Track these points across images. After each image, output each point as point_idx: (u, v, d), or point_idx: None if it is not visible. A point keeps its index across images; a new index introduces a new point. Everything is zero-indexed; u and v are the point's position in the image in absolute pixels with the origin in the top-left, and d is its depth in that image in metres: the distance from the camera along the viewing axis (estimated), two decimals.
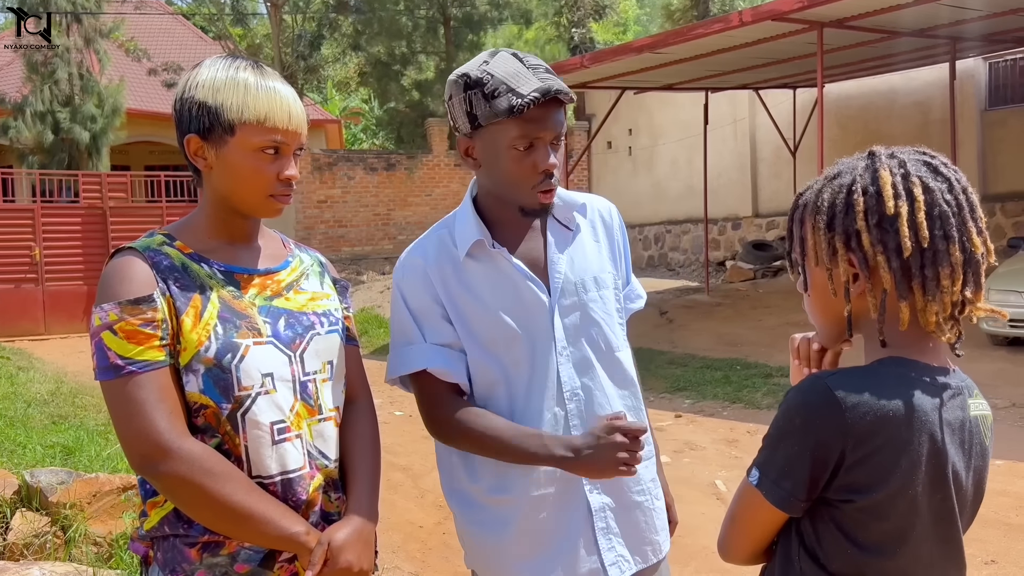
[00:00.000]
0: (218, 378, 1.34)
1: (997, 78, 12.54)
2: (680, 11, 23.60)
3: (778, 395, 6.95)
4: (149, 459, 1.28)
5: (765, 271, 13.77)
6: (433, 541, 4.23)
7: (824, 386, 1.09)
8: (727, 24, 8.52)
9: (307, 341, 1.45)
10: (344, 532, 1.38)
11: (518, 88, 1.47)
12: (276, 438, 1.38)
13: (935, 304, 1.10)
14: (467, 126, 1.54)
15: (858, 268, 1.12)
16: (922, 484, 1.09)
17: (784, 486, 1.11)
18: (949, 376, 1.14)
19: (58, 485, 3.68)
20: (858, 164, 1.16)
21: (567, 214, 1.67)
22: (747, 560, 1.24)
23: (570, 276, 1.64)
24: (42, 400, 7.34)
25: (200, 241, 1.44)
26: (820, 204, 1.16)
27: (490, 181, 1.59)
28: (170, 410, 1.30)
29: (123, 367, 1.30)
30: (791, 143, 13.44)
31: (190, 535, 1.35)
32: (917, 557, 1.11)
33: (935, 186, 1.11)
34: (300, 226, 16.08)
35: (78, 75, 15.40)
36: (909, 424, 1.07)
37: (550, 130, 1.51)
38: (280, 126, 1.39)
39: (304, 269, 1.55)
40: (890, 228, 1.09)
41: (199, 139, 1.39)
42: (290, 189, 1.44)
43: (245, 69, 1.40)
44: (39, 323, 13.18)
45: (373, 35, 20.49)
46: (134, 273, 1.35)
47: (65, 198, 14.39)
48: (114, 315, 1.31)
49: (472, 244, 1.59)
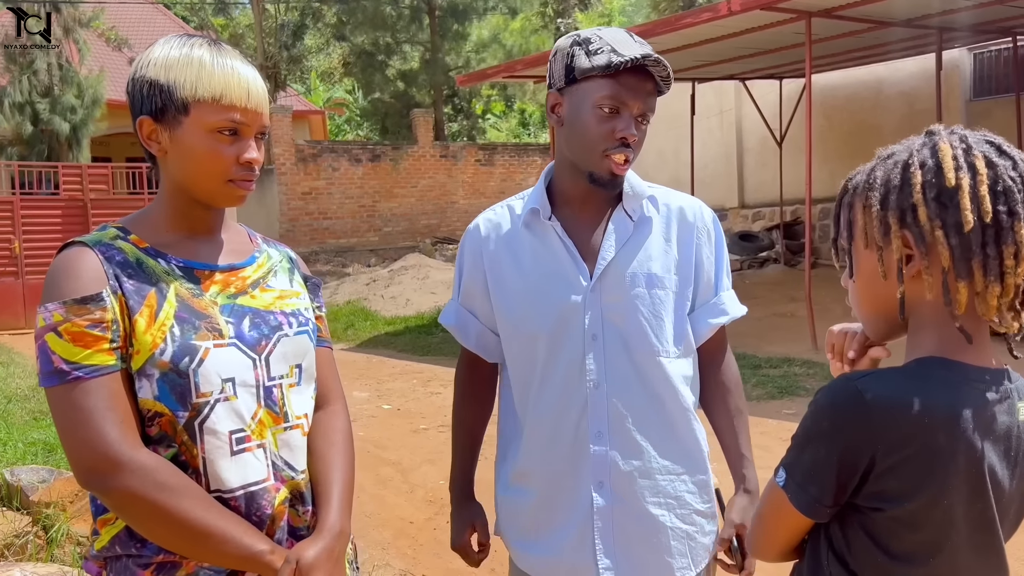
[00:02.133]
0: (174, 384, 1.23)
1: (982, 69, 12.60)
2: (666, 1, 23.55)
3: (767, 386, 6.94)
4: (98, 473, 1.17)
5: (752, 262, 13.79)
6: (424, 537, 4.18)
7: (854, 388, 1.02)
8: (716, 13, 8.48)
9: (274, 343, 1.34)
10: (314, 550, 1.27)
11: (620, 49, 1.50)
12: (235, 448, 1.27)
13: (996, 286, 1.01)
14: (562, 79, 1.55)
15: (913, 246, 1.04)
16: (959, 494, 1.02)
17: (810, 491, 1.06)
18: (996, 378, 1.06)
19: (39, 484, 3.61)
20: (915, 142, 1.09)
21: (634, 204, 1.62)
22: (777, 558, 1.18)
23: (619, 266, 1.58)
24: (23, 396, 7.22)
25: (157, 234, 1.33)
26: (872, 181, 1.08)
27: (567, 143, 1.58)
28: (121, 419, 1.19)
29: (68, 372, 1.19)
30: (777, 134, 13.45)
31: (143, 555, 1.24)
32: (953, 566, 1.06)
33: (999, 162, 1.03)
34: (284, 218, 15.95)
35: (57, 65, 15.17)
36: (946, 431, 1.00)
37: (638, 100, 1.51)
38: (238, 104, 1.28)
39: (272, 265, 1.44)
40: (949, 202, 1.01)
41: (152, 121, 1.29)
42: (252, 174, 1.32)
43: (200, 46, 1.30)
44: (19, 317, 13.00)
45: (357, 25, 20.34)
46: (82, 269, 1.24)
47: (45, 190, 14.18)
48: (59, 315, 1.21)
49: (528, 211, 1.62)
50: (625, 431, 1.56)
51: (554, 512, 1.60)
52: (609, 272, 1.58)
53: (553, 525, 1.60)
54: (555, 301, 1.58)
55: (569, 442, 1.58)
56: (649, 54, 1.48)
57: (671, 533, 1.60)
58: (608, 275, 1.58)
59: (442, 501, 4.69)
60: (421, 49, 20.98)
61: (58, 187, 13.77)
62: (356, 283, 14.59)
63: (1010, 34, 10.77)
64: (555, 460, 1.59)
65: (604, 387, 1.56)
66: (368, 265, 16.38)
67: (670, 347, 1.60)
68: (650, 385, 1.58)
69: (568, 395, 1.57)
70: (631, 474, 1.57)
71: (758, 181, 14.91)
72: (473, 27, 20.88)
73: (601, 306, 1.57)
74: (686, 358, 1.63)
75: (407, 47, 21.13)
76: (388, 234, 17.19)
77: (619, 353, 1.57)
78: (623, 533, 1.58)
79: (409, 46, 21.10)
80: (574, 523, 1.58)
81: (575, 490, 1.58)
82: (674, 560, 1.60)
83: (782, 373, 7.36)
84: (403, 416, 6.76)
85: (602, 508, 1.57)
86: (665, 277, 1.60)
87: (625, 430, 1.56)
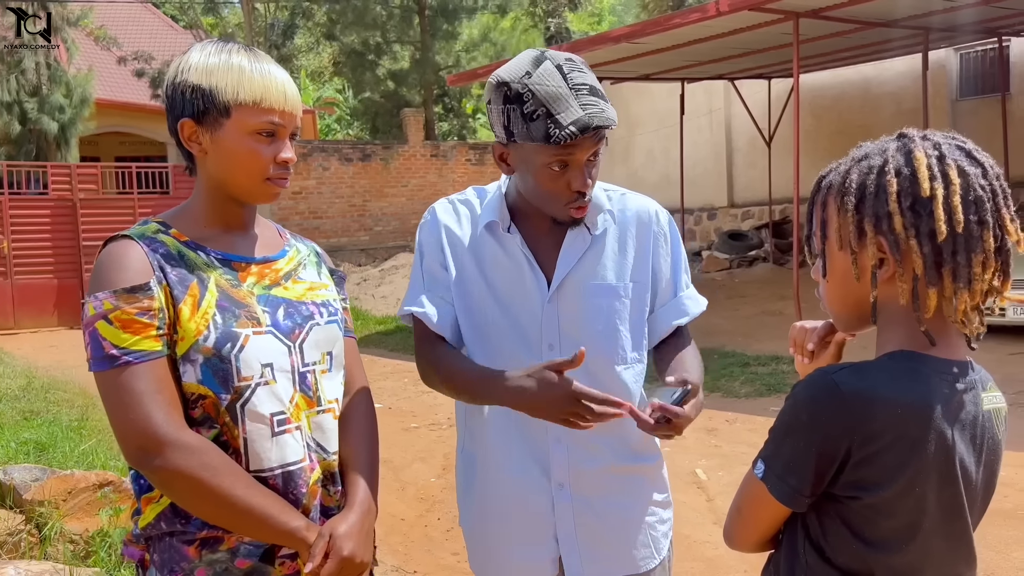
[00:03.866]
0: (217, 368, 1.31)
1: (968, 69, 12.70)
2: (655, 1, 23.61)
3: (756, 384, 7.00)
4: (145, 452, 1.25)
5: (741, 261, 13.86)
6: (415, 534, 4.21)
7: (831, 381, 1.06)
8: (704, 13, 8.53)
9: (306, 331, 1.42)
10: (345, 524, 1.36)
11: (557, 116, 1.40)
12: (276, 430, 1.35)
13: (965, 292, 1.06)
14: (504, 136, 1.50)
15: (887, 252, 1.08)
16: (931, 481, 1.06)
17: (789, 482, 1.10)
18: (962, 369, 1.11)
19: (32, 482, 3.62)
20: (889, 145, 1.11)
21: (591, 218, 1.61)
22: (753, 548, 1.22)
23: (575, 278, 1.60)
24: (13, 395, 7.21)
25: (196, 229, 1.41)
26: (848, 185, 1.11)
27: (524, 189, 1.56)
28: (167, 401, 1.27)
29: (119, 357, 1.26)
30: (766, 133, 13.51)
31: (188, 531, 1.32)
32: (925, 553, 1.10)
33: (970, 170, 1.06)
34: (275, 217, 15.92)
35: (45, 64, 15.10)
36: (918, 421, 1.05)
37: (586, 151, 1.45)
38: (276, 107, 1.36)
39: (301, 259, 1.53)
40: (924, 211, 1.05)
41: (193, 123, 1.36)
42: (287, 172, 1.41)
43: (238, 52, 1.38)
44: (8, 317, 12.94)
45: (347, 24, 20.29)
46: (130, 261, 1.31)
47: (34, 190, 14.12)
48: (109, 304, 1.27)
49: (488, 222, 1.61)
50: (583, 435, 1.55)
51: (518, 516, 1.63)
52: (566, 284, 1.59)
53: (516, 529, 1.63)
54: (518, 312, 1.59)
55: (530, 447, 1.61)
56: (588, 124, 1.39)
57: (632, 526, 1.64)
58: (565, 286, 1.59)
59: (433, 498, 4.72)
60: (411, 48, 20.96)
61: (47, 187, 13.71)
62: (347, 283, 14.59)
63: (995, 34, 10.87)
64: (517, 465, 1.61)
65: None
66: (359, 264, 16.38)
67: (628, 354, 1.63)
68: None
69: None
70: (591, 474, 1.61)
71: (747, 180, 14.98)
72: (463, 26, 20.87)
73: (558, 316, 1.59)
74: (642, 362, 1.67)
75: (397, 46, 21.10)
76: (379, 233, 17.18)
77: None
78: (586, 531, 1.61)
79: (399, 45, 21.08)
80: (537, 526, 1.61)
81: (536, 494, 1.60)
82: (637, 551, 1.64)
83: (770, 371, 7.42)
84: (394, 415, 6.78)
85: (563, 508, 1.60)
86: (619, 286, 1.61)
87: (583, 434, 1.54)
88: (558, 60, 1.45)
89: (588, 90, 1.43)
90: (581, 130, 1.40)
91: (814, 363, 1.28)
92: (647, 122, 16.17)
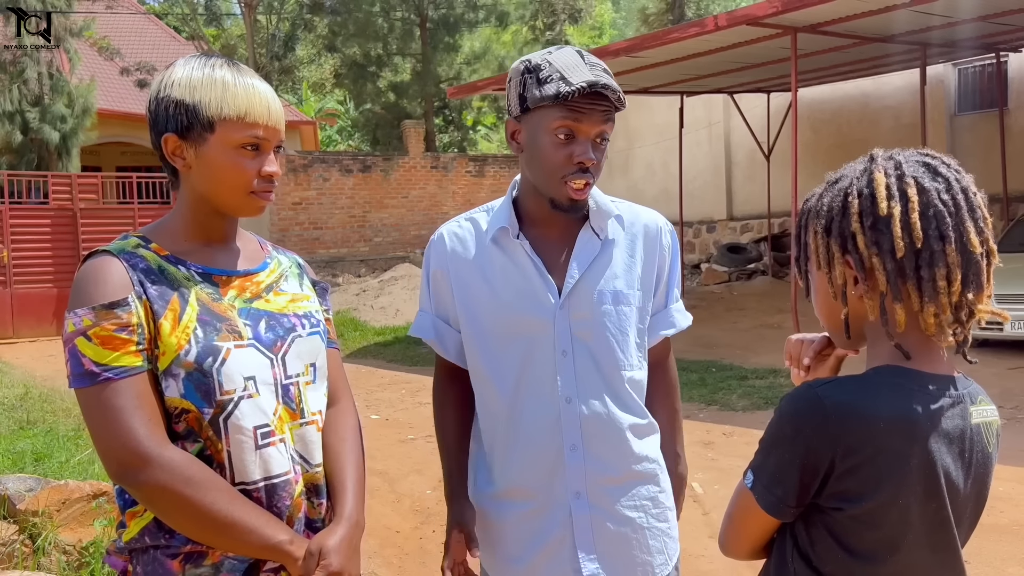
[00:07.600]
0: (199, 382, 1.31)
1: (966, 84, 12.76)
2: (656, 15, 23.74)
3: (753, 397, 7.00)
4: (128, 468, 1.24)
5: (740, 273, 13.88)
6: (410, 547, 4.20)
7: (815, 395, 1.08)
8: (703, 28, 8.58)
9: (289, 343, 1.42)
10: (334, 539, 1.35)
11: (569, 77, 1.50)
12: (260, 443, 1.34)
13: (932, 306, 1.08)
14: (517, 108, 1.57)
15: (856, 271, 1.11)
16: (914, 494, 1.08)
17: (775, 492, 1.11)
18: (949, 383, 1.12)
19: (26, 492, 3.61)
20: (857, 167, 1.16)
21: (601, 222, 1.65)
22: (746, 556, 1.24)
23: (587, 284, 1.62)
24: (10, 405, 7.20)
25: (176, 243, 1.41)
26: (820, 208, 1.16)
27: (528, 168, 1.61)
28: (149, 417, 1.27)
29: (99, 374, 1.26)
30: (765, 147, 13.56)
31: (172, 545, 1.31)
32: (909, 564, 1.11)
33: (931, 186, 1.09)
34: (275, 228, 15.95)
35: (47, 74, 15.16)
36: (900, 435, 1.06)
37: (594, 124, 1.52)
38: (260, 121, 1.37)
39: (283, 271, 1.53)
40: (884, 229, 1.08)
41: (177, 138, 1.37)
42: (272, 186, 1.41)
43: (221, 67, 1.38)
44: (7, 326, 12.94)
45: (348, 36, 20.41)
46: (108, 276, 1.31)
47: (34, 199, 14.14)
48: (88, 320, 1.27)
49: (497, 230, 1.64)
50: (598, 442, 1.60)
51: (535, 526, 1.63)
52: (577, 290, 1.61)
53: (534, 539, 1.63)
54: (528, 321, 1.61)
55: (545, 456, 1.62)
56: (597, 81, 1.49)
57: (649, 533, 1.66)
58: (576, 293, 1.61)
59: (429, 511, 4.71)
60: (412, 61, 21.06)
61: (48, 196, 13.72)
62: (346, 293, 14.59)
63: (993, 50, 10.92)
64: (532, 475, 1.62)
65: (576, 401, 1.60)
66: (358, 275, 16.39)
67: (634, 360, 1.66)
68: (618, 397, 1.63)
69: (542, 410, 1.61)
70: (607, 482, 1.62)
71: (746, 193, 15.02)
72: (464, 39, 20.97)
73: (570, 323, 1.61)
74: (643, 368, 1.70)
75: (398, 59, 21.21)
76: (378, 244, 17.21)
77: (589, 368, 1.61)
78: (604, 540, 1.62)
79: (400, 58, 21.19)
80: (555, 535, 1.61)
81: (553, 502, 1.61)
82: (653, 558, 1.66)
83: (768, 384, 7.42)
84: (391, 426, 6.77)
85: (581, 518, 1.61)
86: (630, 294, 1.64)
87: (598, 441, 1.60)
88: (576, 48, 1.59)
89: (601, 68, 1.55)
90: (589, 85, 1.48)
91: (811, 376, 1.30)
92: (646, 135, 16.22)
